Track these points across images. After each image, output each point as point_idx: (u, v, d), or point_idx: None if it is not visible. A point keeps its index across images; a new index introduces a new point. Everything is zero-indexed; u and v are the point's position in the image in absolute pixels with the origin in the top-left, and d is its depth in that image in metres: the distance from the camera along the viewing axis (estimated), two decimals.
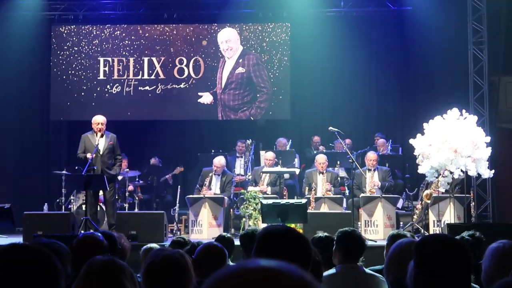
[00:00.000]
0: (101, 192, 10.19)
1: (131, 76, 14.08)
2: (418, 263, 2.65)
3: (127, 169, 11.88)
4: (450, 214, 9.93)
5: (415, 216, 10.50)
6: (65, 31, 14.15)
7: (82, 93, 14.05)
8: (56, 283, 1.84)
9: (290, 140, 12.99)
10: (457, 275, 2.61)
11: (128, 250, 4.88)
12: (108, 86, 14.09)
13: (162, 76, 14.08)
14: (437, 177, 9.72)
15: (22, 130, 14.09)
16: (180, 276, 3.00)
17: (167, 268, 2.98)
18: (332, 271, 4.13)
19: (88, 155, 9.72)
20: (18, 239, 9.10)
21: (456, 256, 2.62)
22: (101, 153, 9.86)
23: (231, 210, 11.07)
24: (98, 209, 10.29)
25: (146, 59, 14.11)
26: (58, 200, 11.91)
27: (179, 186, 11.61)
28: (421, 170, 9.71)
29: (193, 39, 14.13)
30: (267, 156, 11.53)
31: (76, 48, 14.11)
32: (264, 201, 9.04)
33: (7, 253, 1.84)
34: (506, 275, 2.95)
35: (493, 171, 9.78)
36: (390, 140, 12.89)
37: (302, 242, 2.47)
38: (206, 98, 14.02)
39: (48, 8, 13.86)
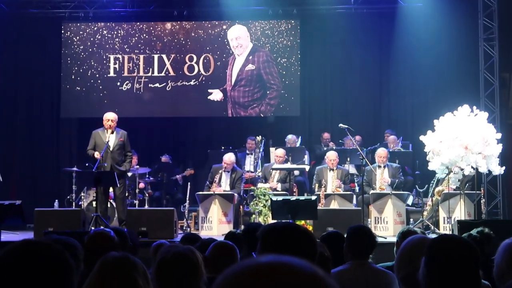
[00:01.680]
0: (111, 189, 10.21)
1: (141, 73, 14.10)
2: (429, 263, 2.67)
3: (137, 166, 11.89)
4: (460, 211, 9.89)
5: (425, 213, 10.48)
6: (75, 29, 14.18)
7: (92, 91, 14.08)
8: (68, 278, 1.85)
9: (300, 137, 12.99)
10: (467, 275, 2.64)
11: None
12: (118, 83, 14.12)
13: (172, 73, 14.10)
14: (447, 174, 9.69)
15: (32, 127, 14.14)
16: (191, 272, 3.01)
17: (178, 265, 3.00)
18: (342, 267, 4.13)
19: (96, 155, 9.73)
20: (29, 236, 9.12)
21: (466, 257, 2.66)
22: (111, 149, 9.87)
23: (241, 206, 11.06)
24: (109, 205, 10.31)
25: (156, 56, 14.13)
26: (68, 197, 11.95)
27: (189, 183, 11.62)
28: (431, 167, 9.67)
29: (203, 36, 14.13)
30: (277, 153, 11.51)
31: (86, 46, 14.14)
32: (274, 198, 9.03)
33: (19, 249, 1.85)
34: None
35: (503, 167, 9.72)
36: (401, 137, 12.86)
37: (306, 237, 2.47)
38: (216, 95, 14.03)
39: (58, 6, 13.90)
